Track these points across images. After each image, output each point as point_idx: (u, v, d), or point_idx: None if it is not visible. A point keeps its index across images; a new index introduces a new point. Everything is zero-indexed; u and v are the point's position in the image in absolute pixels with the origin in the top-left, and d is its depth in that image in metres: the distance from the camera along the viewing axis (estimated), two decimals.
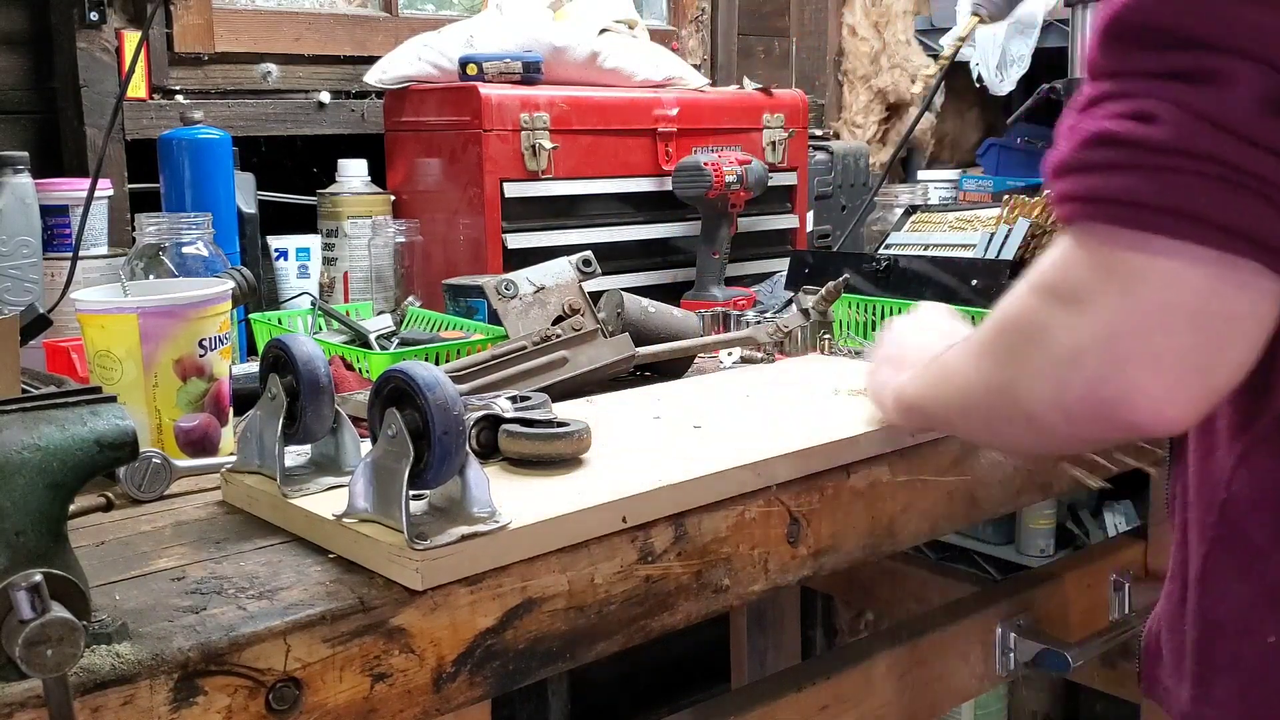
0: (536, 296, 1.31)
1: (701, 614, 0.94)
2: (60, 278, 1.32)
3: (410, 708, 0.77)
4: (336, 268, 1.63)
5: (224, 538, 0.88)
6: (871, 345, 1.25)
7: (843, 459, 1.03)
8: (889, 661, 1.25)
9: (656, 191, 1.72)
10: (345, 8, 1.97)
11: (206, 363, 1.05)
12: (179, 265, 1.31)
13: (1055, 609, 1.41)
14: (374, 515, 0.83)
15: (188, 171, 1.48)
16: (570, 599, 0.85)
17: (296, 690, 0.72)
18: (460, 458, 0.82)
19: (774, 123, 1.85)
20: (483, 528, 0.81)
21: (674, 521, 0.91)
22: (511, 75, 1.63)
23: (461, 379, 1.17)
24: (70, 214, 1.42)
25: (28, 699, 0.64)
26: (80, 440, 0.68)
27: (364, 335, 1.38)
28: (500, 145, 1.56)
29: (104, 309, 1.03)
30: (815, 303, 1.44)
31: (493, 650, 0.81)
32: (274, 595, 0.76)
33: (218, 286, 1.08)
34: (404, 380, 0.80)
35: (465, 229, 1.58)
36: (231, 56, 1.75)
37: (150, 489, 0.97)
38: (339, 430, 0.95)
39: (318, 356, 0.92)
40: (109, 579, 0.79)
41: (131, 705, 0.66)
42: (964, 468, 1.14)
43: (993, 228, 1.52)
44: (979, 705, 2.24)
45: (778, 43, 2.52)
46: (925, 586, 1.87)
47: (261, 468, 0.94)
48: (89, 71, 1.58)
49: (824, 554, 1.02)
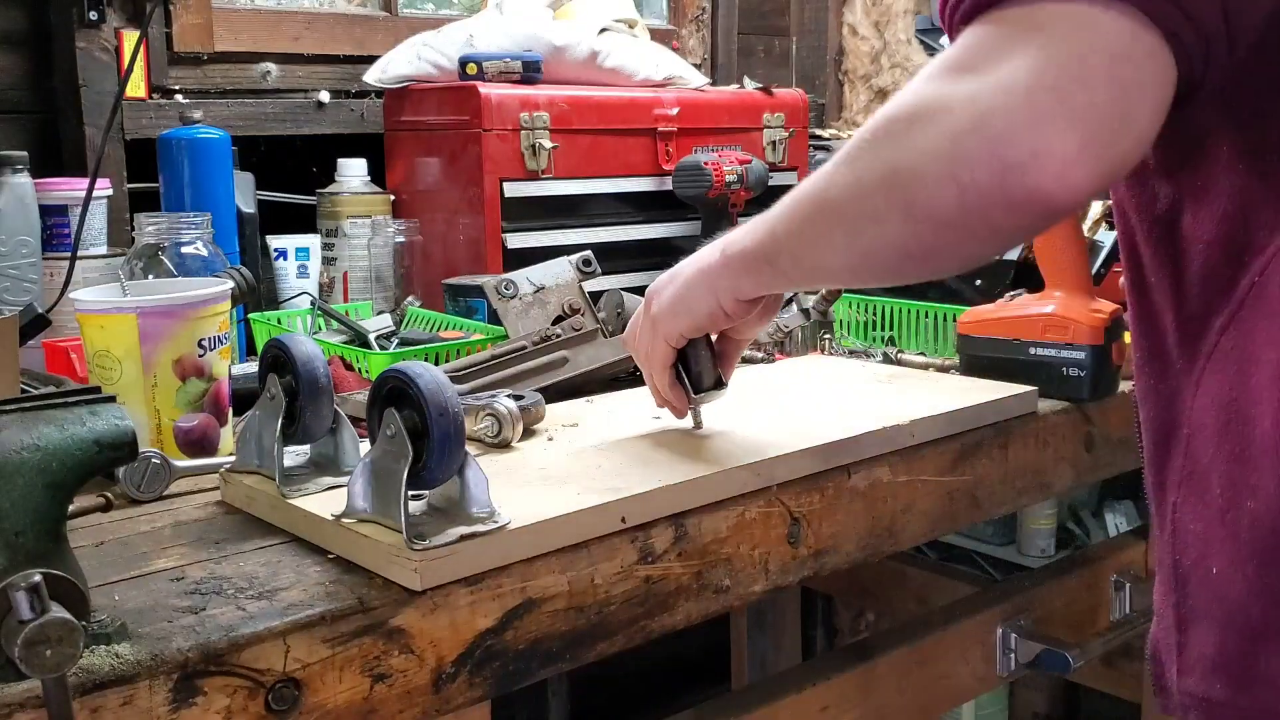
0: (536, 296, 1.31)
1: (701, 614, 0.93)
2: (59, 277, 1.32)
3: (410, 708, 0.77)
4: (336, 267, 1.63)
5: (223, 538, 0.88)
6: (868, 345, 1.25)
7: (843, 459, 1.03)
8: (889, 662, 1.25)
9: (656, 191, 1.72)
10: (345, 7, 1.96)
11: (206, 363, 1.05)
12: (178, 265, 1.31)
13: (1055, 609, 1.41)
14: (373, 515, 0.83)
15: (187, 171, 1.47)
16: (570, 599, 0.84)
17: (296, 691, 0.72)
18: (459, 458, 0.82)
19: (774, 122, 1.85)
20: (482, 528, 0.81)
21: (674, 522, 0.91)
22: (511, 75, 1.62)
23: (461, 379, 1.17)
24: (69, 213, 1.42)
25: (27, 699, 0.64)
26: (79, 440, 0.68)
27: (363, 335, 1.38)
28: (500, 145, 1.55)
29: (103, 309, 1.03)
30: (815, 303, 1.44)
31: (492, 651, 0.81)
32: (273, 595, 0.76)
33: (217, 286, 1.08)
34: (403, 380, 0.80)
35: (465, 229, 1.58)
36: (231, 56, 1.75)
37: (149, 489, 0.97)
38: (338, 430, 0.95)
39: (317, 356, 0.92)
40: (108, 579, 0.79)
41: (131, 706, 0.66)
42: (964, 468, 1.14)
43: None
44: (979, 705, 2.24)
45: (778, 42, 2.52)
46: (925, 587, 1.87)
47: (260, 468, 0.94)
48: (88, 71, 1.58)
49: (824, 554, 1.02)
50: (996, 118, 0.64)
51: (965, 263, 0.75)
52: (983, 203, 0.66)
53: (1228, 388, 0.70)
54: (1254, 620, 0.68)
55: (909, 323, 1.44)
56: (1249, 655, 0.68)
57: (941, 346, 1.41)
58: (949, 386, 1.24)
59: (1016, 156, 0.64)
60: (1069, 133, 0.63)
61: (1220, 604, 0.70)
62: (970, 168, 0.65)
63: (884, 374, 1.30)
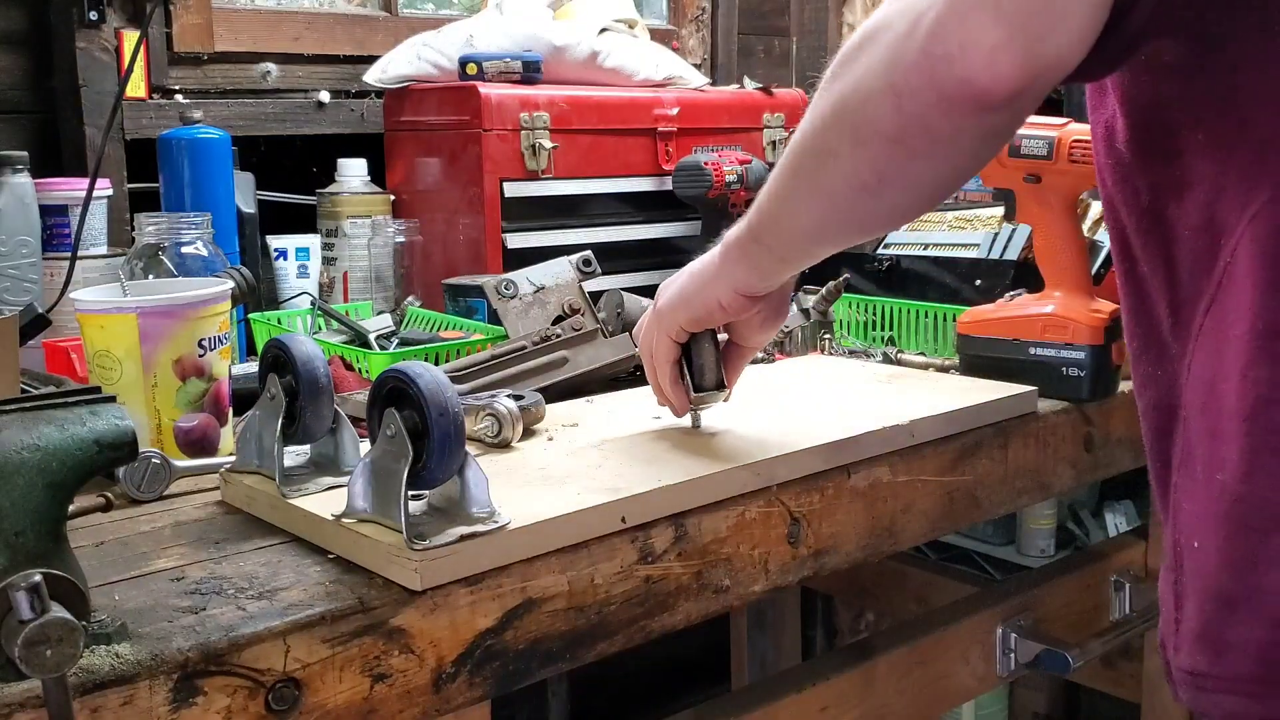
0: (536, 296, 1.31)
1: (702, 614, 0.93)
2: (59, 277, 1.32)
3: (410, 708, 0.77)
4: (336, 267, 1.63)
5: (223, 538, 0.88)
6: (868, 345, 1.25)
7: (843, 459, 1.03)
8: (889, 662, 1.25)
9: (656, 191, 1.72)
10: (345, 7, 1.96)
11: (206, 363, 1.05)
12: (178, 265, 1.31)
13: (1055, 609, 1.41)
14: (373, 515, 0.83)
15: (187, 171, 1.47)
16: (570, 599, 0.84)
17: (296, 691, 0.72)
18: (459, 458, 0.82)
19: (774, 122, 1.85)
20: (482, 528, 0.81)
21: (674, 522, 0.91)
22: (511, 75, 1.62)
23: (461, 379, 1.17)
24: (69, 213, 1.42)
25: (27, 699, 0.64)
26: (79, 440, 0.68)
27: (363, 335, 1.38)
28: (500, 145, 1.55)
29: (103, 309, 1.03)
30: (815, 303, 1.44)
31: (492, 651, 0.81)
32: (273, 595, 0.76)
33: (217, 286, 1.08)
34: (403, 380, 0.80)
35: (465, 229, 1.58)
36: (231, 56, 1.75)
37: (149, 489, 0.97)
38: (338, 430, 0.95)
39: (317, 356, 0.92)
40: (108, 579, 0.79)
41: (131, 706, 0.66)
42: (964, 468, 1.14)
43: (995, 227, 1.52)
44: (979, 705, 2.24)
45: (778, 42, 2.52)
46: (925, 586, 1.87)
47: (260, 468, 0.94)
48: (88, 71, 1.58)
49: (824, 554, 1.02)
50: (927, 19, 0.66)
51: (918, 192, 0.77)
52: (918, 106, 0.69)
53: (1209, 367, 0.72)
54: (1225, 590, 0.69)
55: (909, 323, 1.44)
56: (1222, 624, 0.70)
57: (941, 346, 1.41)
58: (949, 386, 1.24)
59: (945, 50, 0.66)
60: (996, 25, 0.64)
61: (1201, 577, 0.71)
62: (904, 72, 0.68)
63: (884, 374, 1.30)
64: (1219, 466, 0.70)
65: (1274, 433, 0.67)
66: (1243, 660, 0.69)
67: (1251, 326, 0.68)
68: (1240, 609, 0.69)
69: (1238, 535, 0.69)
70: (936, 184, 0.76)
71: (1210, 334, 0.72)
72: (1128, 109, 0.78)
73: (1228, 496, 0.69)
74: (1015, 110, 0.69)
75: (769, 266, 0.93)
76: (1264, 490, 0.67)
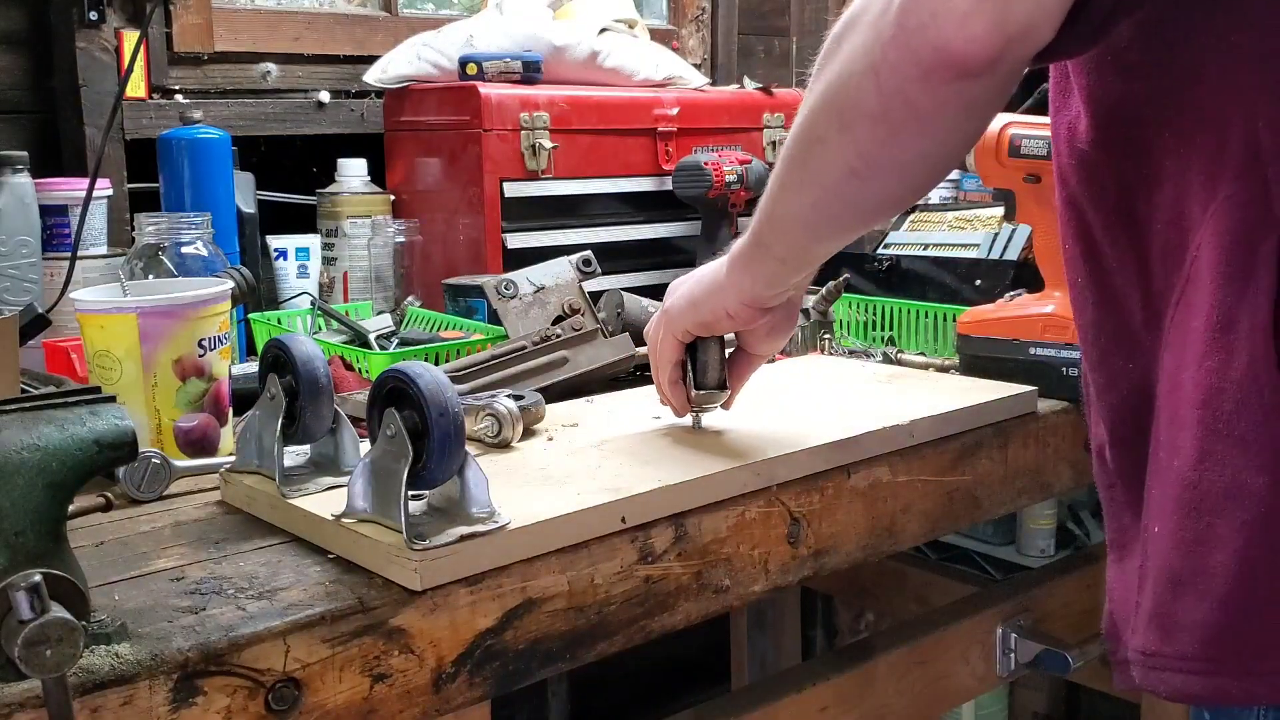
0: (536, 296, 1.31)
1: (701, 614, 0.93)
2: (59, 277, 1.32)
3: (410, 708, 0.77)
4: (336, 268, 1.63)
5: (223, 538, 0.88)
6: (867, 345, 1.25)
7: (843, 459, 1.03)
8: (889, 662, 1.25)
9: (656, 191, 1.72)
10: (345, 7, 1.96)
11: (206, 363, 1.05)
12: (178, 265, 1.31)
13: (1055, 609, 1.41)
14: (373, 515, 0.83)
15: (187, 171, 1.47)
16: (570, 599, 0.84)
17: (296, 690, 0.72)
18: (459, 458, 0.82)
19: (774, 122, 1.85)
20: (482, 528, 0.81)
21: (674, 522, 0.91)
22: (511, 75, 1.62)
23: (461, 379, 1.17)
24: (69, 213, 1.42)
25: (27, 699, 0.64)
26: (79, 440, 0.68)
27: (363, 335, 1.38)
28: (500, 145, 1.55)
29: (103, 309, 1.03)
30: (815, 303, 1.44)
31: (492, 651, 0.81)
32: (273, 595, 0.76)
33: (217, 286, 1.08)
34: (403, 380, 0.80)
35: (465, 229, 1.58)
36: (231, 56, 1.75)
37: (149, 489, 0.97)
38: (338, 430, 0.95)
39: (317, 356, 0.92)
40: (108, 579, 0.79)
41: (131, 706, 0.66)
42: (964, 468, 1.14)
43: (994, 228, 1.52)
44: (979, 705, 2.24)
45: (778, 42, 2.52)
46: (925, 586, 1.87)
47: (260, 468, 0.94)
48: (88, 71, 1.58)
49: (824, 554, 1.02)
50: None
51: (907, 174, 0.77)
52: (898, 80, 0.69)
53: (1175, 358, 0.74)
54: (1174, 570, 0.72)
55: (909, 323, 1.44)
56: (1173, 604, 0.72)
57: (941, 346, 1.41)
58: (949, 386, 1.24)
59: (918, 20, 0.67)
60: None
61: (1156, 558, 0.73)
62: (883, 48, 0.69)
63: (884, 374, 1.30)
64: (1175, 453, 0.72)
65: (1222, 420, 0.70)
66: (1190, 640, 0.71)
67: (1208, 318, 0.71)
68: (1188, 590, 0.71)
69: (1189, 518, 0.71)
70: (924, 165, 0.77)
71: (1179, 326, 0.74)
72: (1093, 109, 0.79)
73: (1181, 481, 0.72)
74: (994, 80, 0.69)
75: (772, 270, 0.93)
76: (1212, 475, 0.70)
